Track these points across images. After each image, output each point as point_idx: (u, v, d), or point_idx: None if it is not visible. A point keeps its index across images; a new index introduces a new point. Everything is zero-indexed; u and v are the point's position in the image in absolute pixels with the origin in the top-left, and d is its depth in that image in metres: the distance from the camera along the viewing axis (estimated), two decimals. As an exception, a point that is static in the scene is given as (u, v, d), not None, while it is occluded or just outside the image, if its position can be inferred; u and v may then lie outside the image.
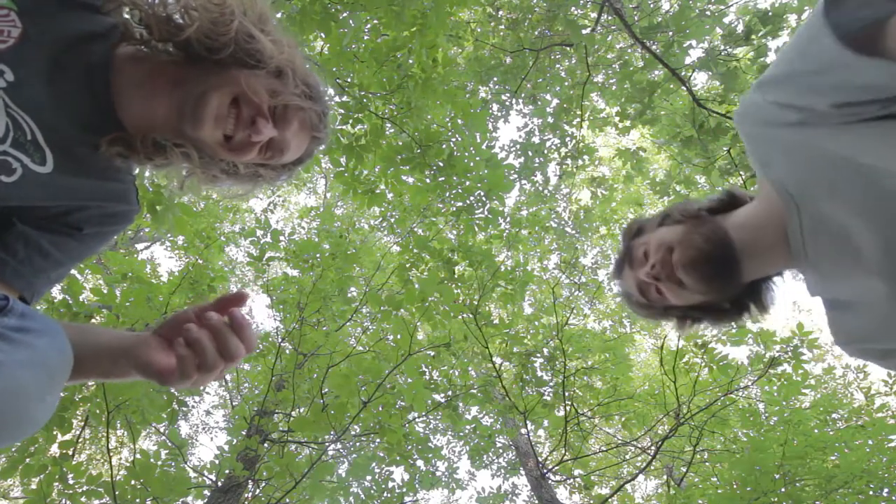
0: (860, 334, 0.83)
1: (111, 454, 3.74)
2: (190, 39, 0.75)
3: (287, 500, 4.33)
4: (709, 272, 0.85)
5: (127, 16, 0.76)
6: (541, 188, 7.40)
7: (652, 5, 5.52)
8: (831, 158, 0.72)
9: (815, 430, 4.55)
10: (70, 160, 0.74)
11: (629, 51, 6.53)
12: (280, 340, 4.97)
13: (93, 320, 3.35)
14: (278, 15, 3.51)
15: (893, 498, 4.09)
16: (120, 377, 0.66)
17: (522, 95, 6.68)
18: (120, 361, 0.64)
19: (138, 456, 3.54)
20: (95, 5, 0.75)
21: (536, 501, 5.94)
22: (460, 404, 5.46)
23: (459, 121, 4.17)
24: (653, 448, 5.70)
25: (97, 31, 0.74)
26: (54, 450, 3.28)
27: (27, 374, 0.52)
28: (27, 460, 3.08)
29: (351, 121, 3.92)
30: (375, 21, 4.07)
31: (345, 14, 3.73)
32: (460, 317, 4.71)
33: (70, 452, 3.25)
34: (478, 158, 4.23)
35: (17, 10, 0.67)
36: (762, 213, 0.85)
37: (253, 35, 0.77)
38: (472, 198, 4.39)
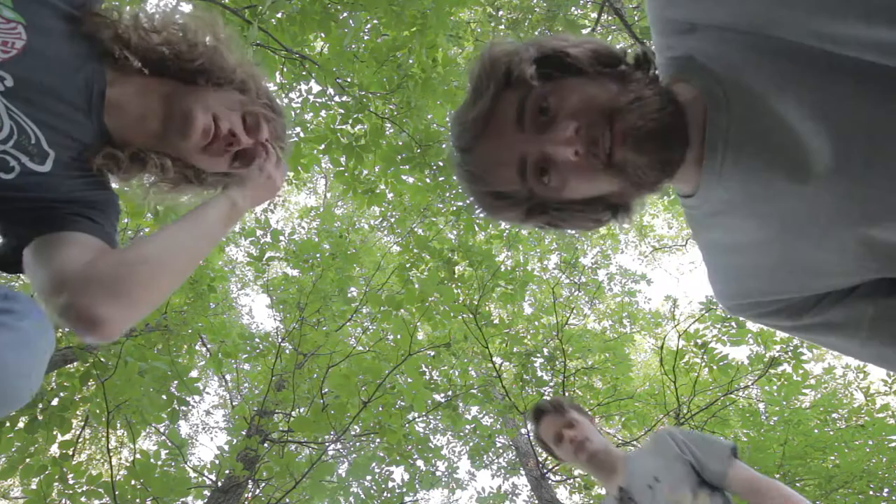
0: (756, 284, 0.65)
1: (111, 454, 3.74)
2: (172, 63, 0.86)
3: (287, 500, 4.33)
4: (670, 152, 0.60)
5: (117, 42, 0.83)
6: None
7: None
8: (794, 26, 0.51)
9: (815, 430, 4.55)
10: (68, 160, 0.80)
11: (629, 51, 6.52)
12: (280, 340, 4.97)
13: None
14: (278, 14, 3.51)
15: (893, 498, 4.09)
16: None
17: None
18: None
19: (138, 456, 3.54)
20: (91, 24, 0.81)
21: (536, 501, 5.94)
22: (460, 404, 5.46)
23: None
24: (653, 448, 5.69)
25: (93, 49, 0.81)
26: (54, 450, 3.28)
27: (13, 355, 0.56)
28: (27, 460, 3.08)
29: (351, 121, 3.93)
30: (375, 21, 4.07)
31: (345, 14, 3.73)
32: (460, 317, 4.71)
33: (70, 452, 3.25)
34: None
35: (24, 24, 0.72)
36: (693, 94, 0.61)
37: (222, 54, 0.90)
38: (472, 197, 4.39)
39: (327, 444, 4.64)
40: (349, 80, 4.05)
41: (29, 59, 0.71)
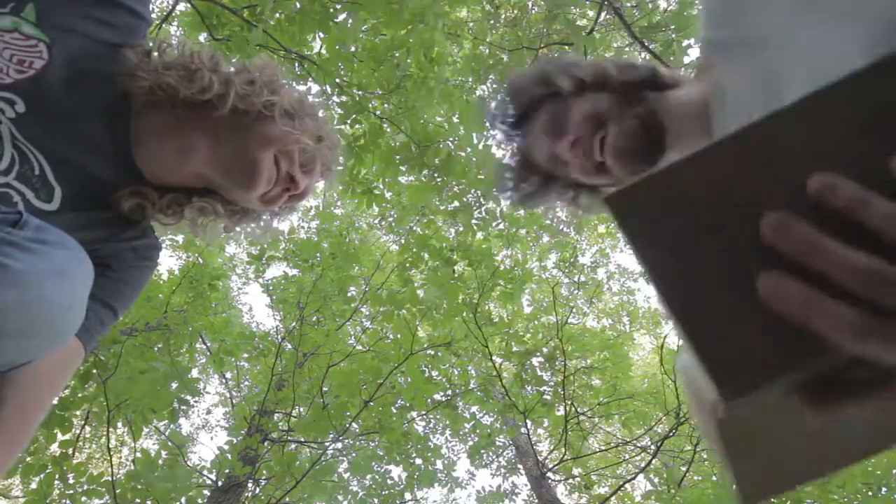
0: None
1: (111, 454, 3.75)
2: (211, 98, 0.76)
3: (287, 500, 4.34)
4: (639, 165, 0.72)
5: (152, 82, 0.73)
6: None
7: (651, 4, 5.52)
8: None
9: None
10: (81, 199, 0.71)
11: (628, 49, 6.53)
12: (280, 340, 4.98)
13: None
14: (277, 15, 3.51)
15: (893, 497, 4.09)
16: None
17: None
18: None
19: (139, 455, 3.55)
20: (120, 43, 0.72)
21: (536, 501, 5.94)
22: (460, 403, 5.48)
23: (455, 119, 4.18)
24: (653, 447, 5.70)
25: (120, 72, 0.72)
26: (54, 449, 3.29)
27: (50, 283, 0.53)
28: (27, 459, 3.09)
29: (349, 121, 3.93)
30: (374, 20, 4.07)
31: (343, 15, 3.73)
32: (461, 315, 4.72)
33: (70, 452, 3.26)
34: (474, 158, 4.24)
35: (46, 42, 0.65)
36: (697, 100, 0.68)
37: (272, 100, 0.79)
38: (470, 197, 4.40)
39: (327, 443, 4.64)
40: (346, 79, 4.05)
41: (47, 80, 0.64)
